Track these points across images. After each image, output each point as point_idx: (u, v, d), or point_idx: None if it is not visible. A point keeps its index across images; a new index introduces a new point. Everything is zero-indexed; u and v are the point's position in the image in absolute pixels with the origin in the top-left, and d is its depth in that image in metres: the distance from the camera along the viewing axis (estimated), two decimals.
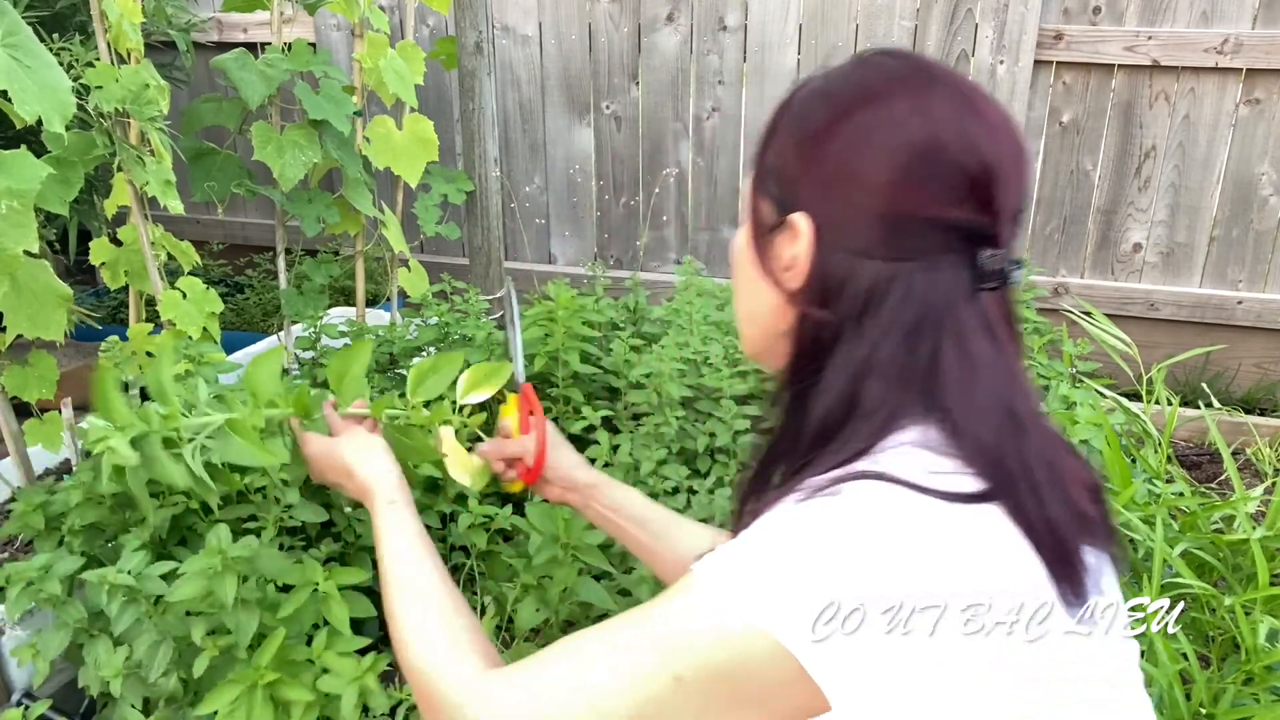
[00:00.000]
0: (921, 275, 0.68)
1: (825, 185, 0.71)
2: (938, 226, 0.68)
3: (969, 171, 0.67)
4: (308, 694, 1.25)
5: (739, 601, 0.63)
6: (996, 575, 0.63)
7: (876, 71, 0.72)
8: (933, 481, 0.64)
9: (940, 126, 0.68)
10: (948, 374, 0.68)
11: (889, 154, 0.68)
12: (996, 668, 0.62)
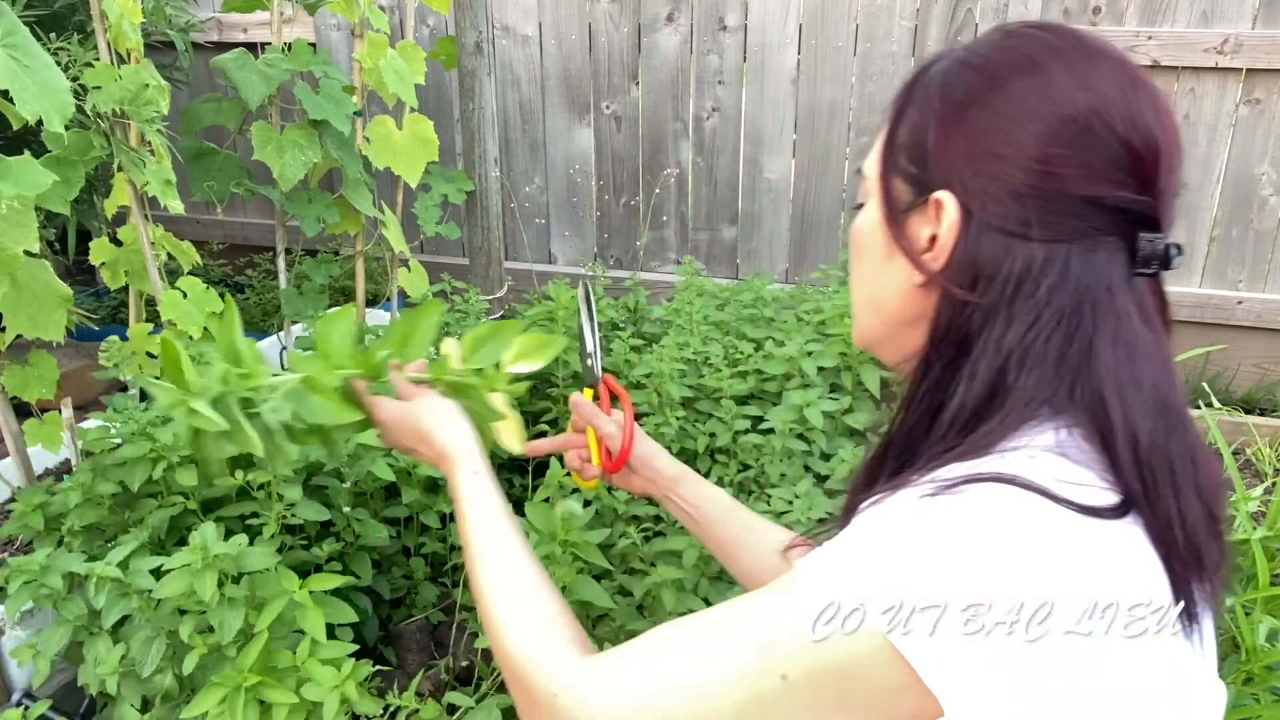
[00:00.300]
0: (1078, 258, 0.65)
1: (974, 160, 0.66)
2: (1098, 206, 0.64)
3: (1133, 148, 0.64)
4: (292, 697, 1.25)
5: (850, 601, 0.60)
6: (1119, 590, 0.59)
7: (1032, 42, 0.68)
8: (1066, 491, 0.60)
9: (1104, 99, 0.64)
10: (1103, 363, 0.64)
11: (1048, 126, 0.64)
12: (1113, 680, 0.58)
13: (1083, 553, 0.59)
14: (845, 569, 0.62)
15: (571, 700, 0.69)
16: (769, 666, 0.62)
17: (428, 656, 1.70)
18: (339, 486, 1.67)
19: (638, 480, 1.13)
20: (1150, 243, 0.65)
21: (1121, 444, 0.63)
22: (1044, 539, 0.58)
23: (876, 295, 0.75)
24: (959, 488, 0.61)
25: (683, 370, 1.87)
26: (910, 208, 0.70)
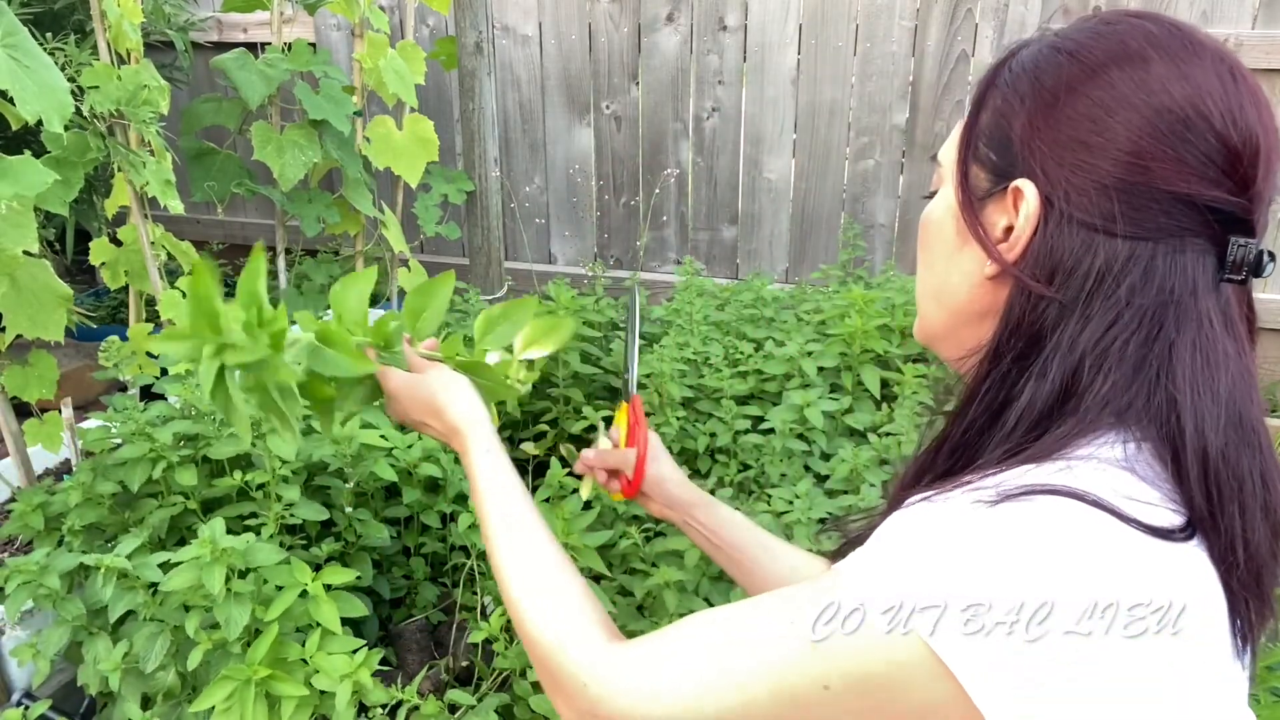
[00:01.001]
0: (1164, 258, 0.62)
1: (1061, 148, 0.63)
2: (1189, 204, 0.61)
3: (1231, 145, 0.61)
4: (302, 689, 1.25)
5: (896, 607, 0.57)
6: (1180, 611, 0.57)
7: (1129, 30, 0.65)
8: (1133, 510, 0.58)
9: (1203, 93, 0.61)
10: (1180, 370, 0.62)
11: (1143, 118, 0.61)
12: (1159, 697, 0.57)
13: (1147, 572, 0.57)
14: (896, 572, 0.59)
15: (603, 689, 0.68)
16: (809, 670, 0.60)
17: (428, 656, 1.70)
18: (340, 486, 1.67)
19: (654, 505, 1.13)
20: (1242, 247, 0.62)
21: (1191, 456, 0.61)
22: (1109, 557, 0.56)
23: (944, 286, 0.73)
24: (1025, 497, 0.58)
25: (683, 370, 1.87)
26: (988, 195, 0.68)
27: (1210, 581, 0.60)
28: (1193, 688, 0.58)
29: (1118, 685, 0.55)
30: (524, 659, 1.37)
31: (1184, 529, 0.59)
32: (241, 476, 1.55)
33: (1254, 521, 0.61)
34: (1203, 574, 0.59)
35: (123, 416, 1.61)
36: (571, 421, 1.89)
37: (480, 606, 1.61)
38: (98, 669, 1.39)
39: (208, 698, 1.23)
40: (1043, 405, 0.64)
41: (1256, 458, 0.62)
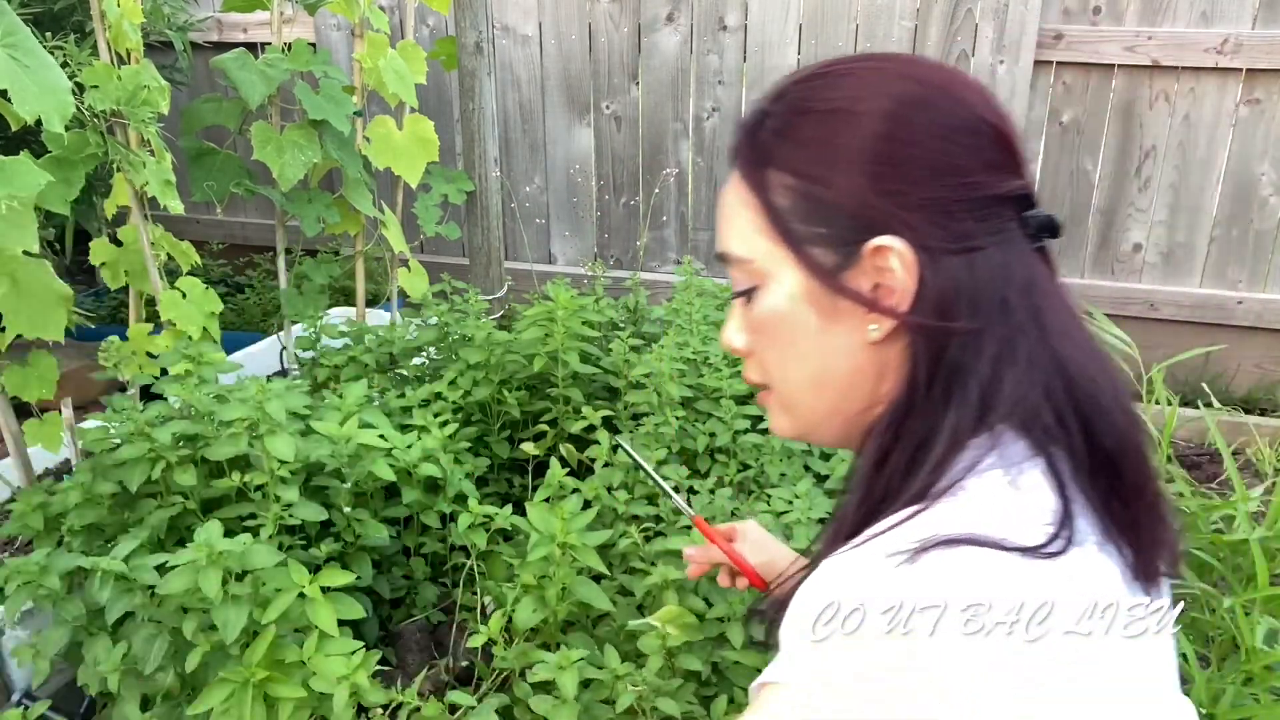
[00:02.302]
0: (1009, 252, 0.68)
1: (898, 194, 0.66)
2: (1002, 200, 0.68)
3: (1006, 140, 0.69)
4: (300, 691, 1.25)
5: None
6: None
7: (881, 69, 0.70)
8: (1014, 531, 0.60)
9: (972, 104, 0.69)
10: (1061, 352, 0.67)
11: (950, 141, 0.67)
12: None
13: (1026, 588, 0.59)
14: (806, 686, 0.60)
15: None
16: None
17: (428, 656, 1.70)
18: (339, 486, 1.67)
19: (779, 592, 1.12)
20: (1035, 218, 0.69)
21: (1093, 414, 0.67)
22: (1001, 603, 0.58)
23: (824, 371, 0.72)
24: (912, 558, 0.59)
25: (682, 370, 1.87)
26: (841, 267, 0.68)
27: (1103, 581, 0.63)
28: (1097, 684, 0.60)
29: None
30: (524, 659, 1.37)
31: (1063, 537, 0.61)
32: (240, 477, 1.55)
33: (1138, 472, 0.68)
34: (1095, 581, 0.62)
35: (122, 417, 1.61)
36: (571, 421, 1.89)
37: (480, 607, 1.61)
38: (97, 670, 1.39)
39: (206, 700, 1.23)
40: (967, 427, 0.66)
41: (1117, 389, 0.69)
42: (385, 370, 2.16)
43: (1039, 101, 2.78)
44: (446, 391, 1.92)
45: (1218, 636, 1.54)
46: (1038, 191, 0.71)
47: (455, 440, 1.81)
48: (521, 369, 2.00)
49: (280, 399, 1.55)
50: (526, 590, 1.41)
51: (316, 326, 2.21)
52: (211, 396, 1.65)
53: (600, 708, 1.30)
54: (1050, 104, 2.78)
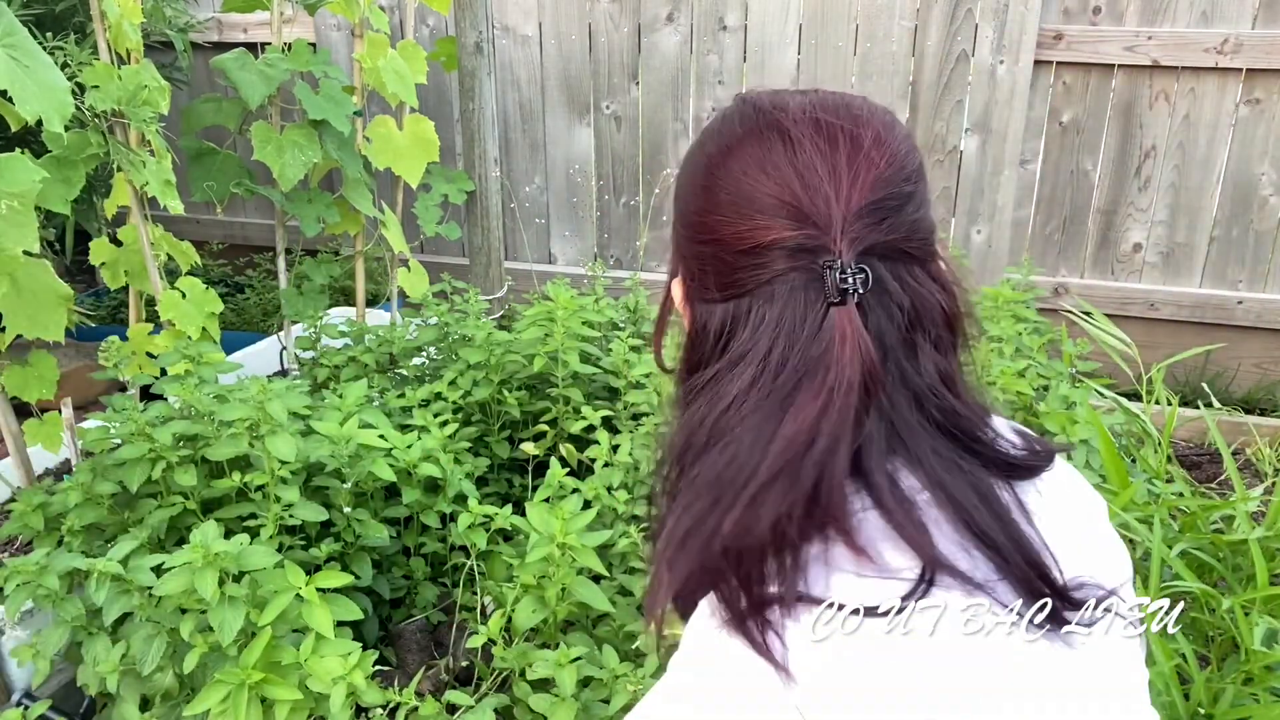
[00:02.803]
0: (761, 305, 0.67)
1: (678, 245, 0.76)
2: (762, 250, 0.67)
3: (783, 195, 0.67)
4: (295, 693, 1.25)
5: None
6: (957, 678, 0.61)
7: (703, 134, 0.75)
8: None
9: (751, 161, 0.69)
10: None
11: (703, 200, 0.71)
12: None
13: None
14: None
15: None
16: None
17: (428, 656, 1.70)
18: (339, 487, 1.67)
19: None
20: (830, 270, 0.65)
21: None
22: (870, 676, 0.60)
23: None
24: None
25: None
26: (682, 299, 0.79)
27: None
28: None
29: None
30: (523, 659, 1.37)
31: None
32: (240, 477, 1.55)
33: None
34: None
35: (122, 417, 1.61)
36: (571, 421, 1.89)
37: (480, 607, 1.61)
38: (96, 670, 1.39)
39: (203, 700, 1.23)
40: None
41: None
42: (385, 370, 2.17)
43: (1039, 101, 2.78)
44: (446, 391, 1.92)
45: (1217, 636, 1.53)
46: (1037, 192, 0.70)
47: (455, 440, 1.81)
48: (521, 369, 2.01)
49: (281, 399, 1.55)
50: (526, 590, 1.41)
51: (316, 326, 2.21)
52: (212, 396, 1.65)
53: (599, 706, 1.30)
54: (1050, 104, 2.78)
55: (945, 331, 0.69)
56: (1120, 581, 0.71)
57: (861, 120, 0.69)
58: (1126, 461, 1.77)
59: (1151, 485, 1.74)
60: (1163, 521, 1.56)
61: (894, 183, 0.67)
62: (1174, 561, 1.49)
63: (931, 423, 0.67)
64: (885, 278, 0.66)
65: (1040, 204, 2.86)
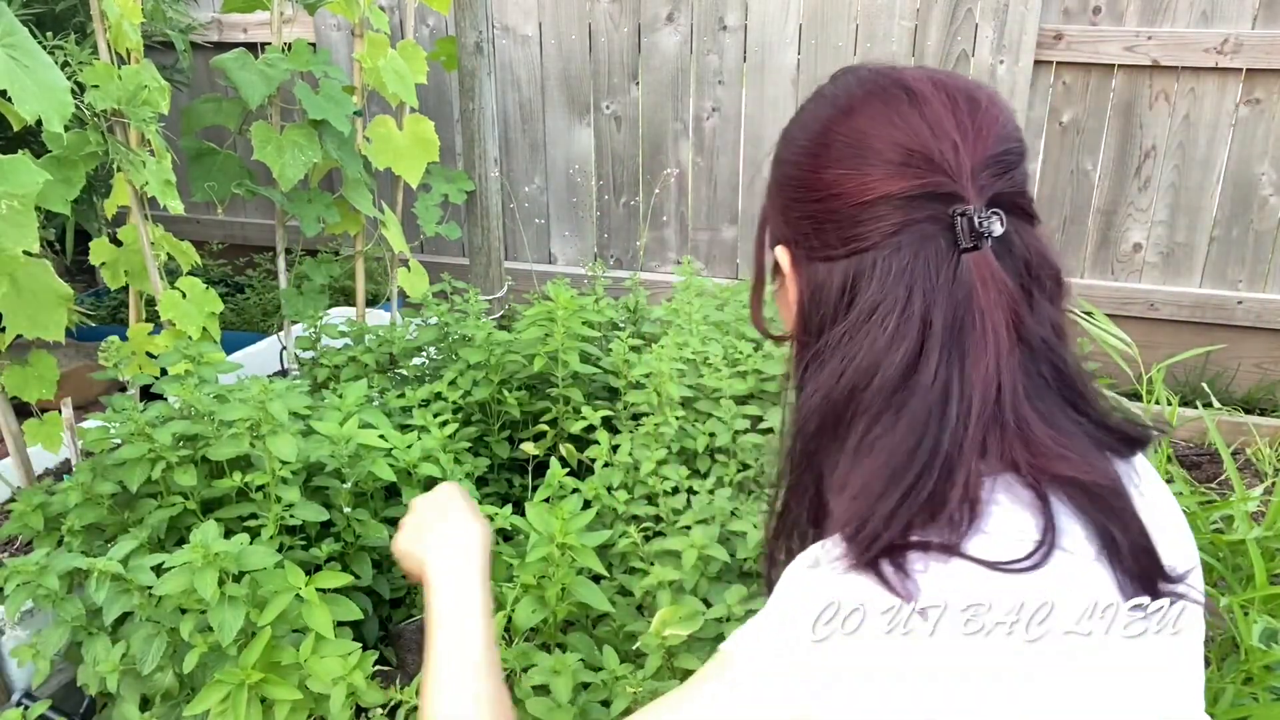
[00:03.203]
0: (886, 259, 0.68)
1: (783, 210, 0.76)
2: (887, 202, 0.68)
3: (907, 142, 0.68)
4: (295, 693, 1.25)
5: (778, 681, 0.63)
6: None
7: (815, 96, 0.76)
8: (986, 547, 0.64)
9: (866, 115, 0.70)
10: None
11: (823, 154, 0.71)
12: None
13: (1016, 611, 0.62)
14: (772, 647, 0.65)
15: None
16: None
17: None
18: (339, 487, 1.67)
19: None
20: (961, 216, 0.67)
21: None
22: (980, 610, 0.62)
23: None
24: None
25: (682, 370, 1.87)
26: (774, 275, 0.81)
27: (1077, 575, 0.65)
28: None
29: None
30: (522, 660, 1.37)
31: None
32: (241, 477, 1.55)
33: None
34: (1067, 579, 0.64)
35: (122, 417, 1.61)
36: (571, 421, 1.89)
37: None
38: (96, 670, 1.39)
39: (203, 701, 1.23)
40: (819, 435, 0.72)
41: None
42: (385, 370, 2.17)
43: (1039, 101, 2.78)
44: (446, 391, 1.92)
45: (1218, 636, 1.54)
46: (1037, 192, 0.70)
47: (455, 440, 1.81)
48: (521, 369, 2.01)
49: (282, 399, 1.55)
50: (526, 590, 1.41)
51: (316, 326, 2.21)
52: (212, 396, 1.65)
53: (598, 709, 1.30)
54: (1050, 104, 2.78)
55: (1055, 287, 0.72)
56: (1190, 567, 0.72)
57: (974, 84, 0.72)
58: None
59: None
60: None
61: (1012, 139, 0.70)
62: None
63: (1049, 380, 0.69)
64: (1008, 227, 0.68)
65: (1040, 204, 2.84)
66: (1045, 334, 0.69)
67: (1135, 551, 0.66)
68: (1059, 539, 0.64)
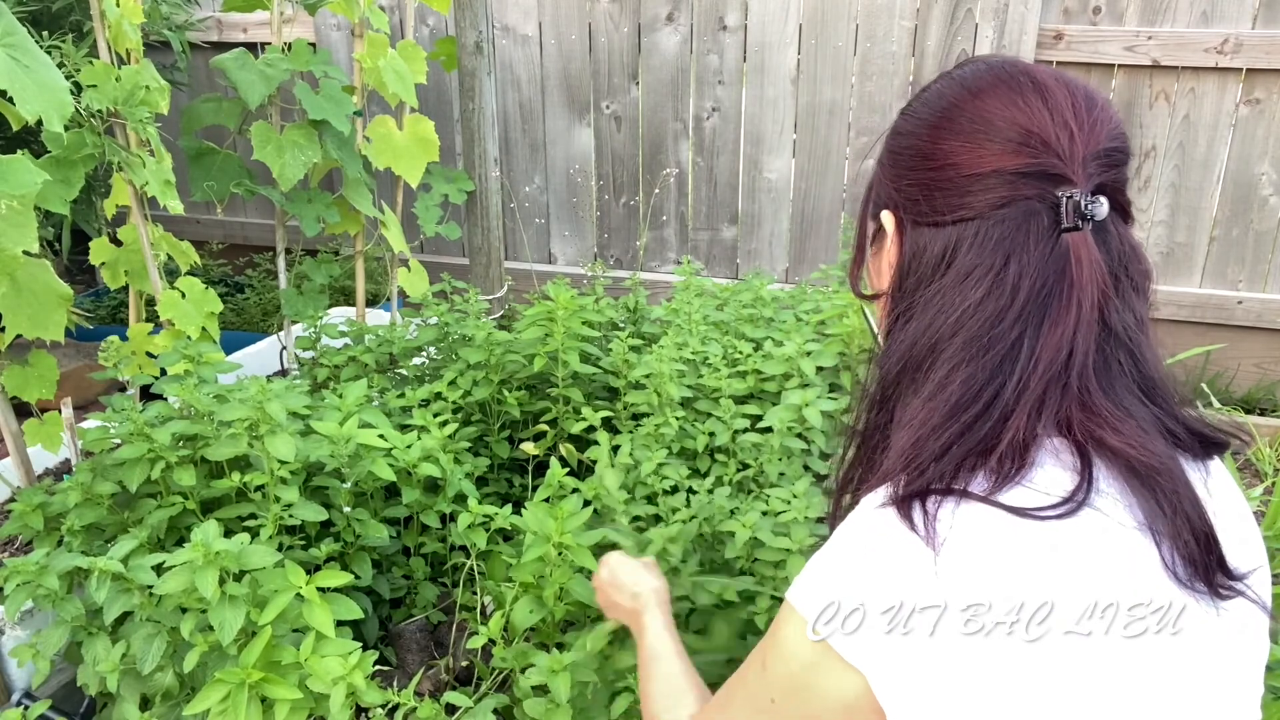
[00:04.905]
0: (994, 227, 0.73)
1: (896, 178, 0.80)
2: (998, 176, 0.72)
3: (1015, 122, 0.73)
4: (295, 693, 1.25)
5: (811, 619, 0.70)
6: (1098, 588, 0.65)
7: (942, 78, 0.81)
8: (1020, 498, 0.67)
9: (991, 96, 0.75)
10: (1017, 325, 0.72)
11: (941, 128, 0.76)
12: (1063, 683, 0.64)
13: (1044, 562, 0.66)
14: (814, 587, 0.72)
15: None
16: (765, 689, 0.76)
17: (428, 656, 1.70)
18: (339, 486, 1.67)
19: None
20: (1069, 199, 0.71)
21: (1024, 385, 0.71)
22: (1005, 553, 0.66)
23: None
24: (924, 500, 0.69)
25: (682, 370, 1.87)
26: (873, 238, 0.86)
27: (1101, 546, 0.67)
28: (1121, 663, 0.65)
29: (1028, 674, 0.64)
30: (522, 659, 1.37)
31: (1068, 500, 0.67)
32: (240, 477, 1.55)
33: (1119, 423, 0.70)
34: (1094, 544, 0.67)
35: (121, 417, 1.61)
36: (571, 421, 1.89)
37: (480, 606, 1.61)
38: (96, 669, 1.39)
39: (203, 700, 1.23)
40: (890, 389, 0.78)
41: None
42: (385, 370, 2.17)
43: None
44: (446, 391, 1.92)
45: None
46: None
47: (455, 440, 1.81)
48: (521, 369, 2.01)
49: (280, 399, 1.55)
50: (524, 590, 1.41)
51: (316, 326, 2.21)
52: (211, 396, 1.65)
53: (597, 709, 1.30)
54: None
55: (1144, 282, 0.75)
56: (1255, 566, 0.74)
57: (1091, 87, 0.77)
58: None
59: None
60: None
61: (1122, 138, 0.75)
62: None
63: (1122, 364, 0.73)
64: (1108, 219, 0.73)
65: None
66: (1128, 323, 0.73)
67: (1191, 533, 0.68)
68: (1092, 498, 0.67)
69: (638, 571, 1.20)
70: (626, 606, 1.17)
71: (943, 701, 0.64)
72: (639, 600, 1.14)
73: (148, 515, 1.57)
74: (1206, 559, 0.68)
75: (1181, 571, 0.68)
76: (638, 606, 1.14)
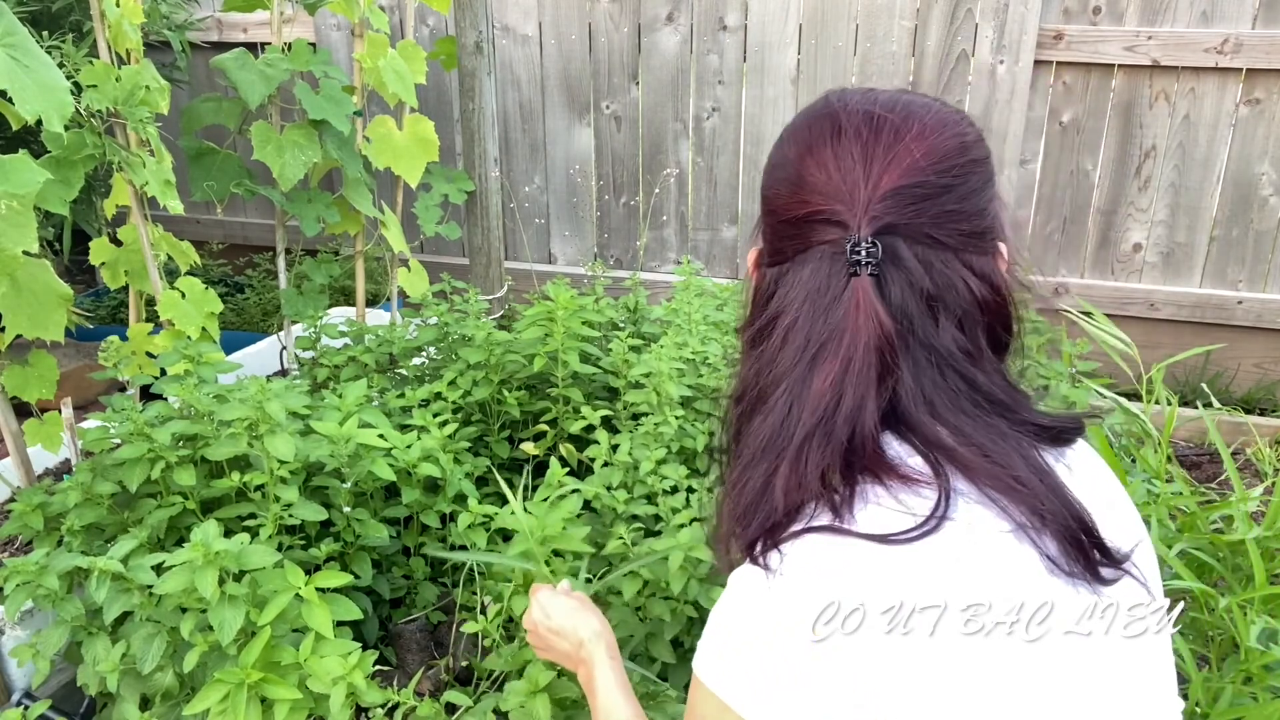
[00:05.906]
0: (795, 270, 0.75)
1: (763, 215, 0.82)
2: (801, 222, 0.75)
3: (803, 175, 0.75)
4: (295, 693, 1.25)
5: (712, 689, 0.72)
6: (973, 590, 0.67)
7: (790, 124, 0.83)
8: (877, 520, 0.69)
9: (800, 145, 0.77)
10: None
11: (768, 177, 0.80)
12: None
13: (902, 581, 0.67)
14: (708, 658, 0.73)
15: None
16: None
17: (428, 656, 1.70)
18: (339, 486, 1.67)
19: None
20: (847, 242, 0.73)
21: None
22: (869, 578, 0.68)
23: None
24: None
25: (681, 370, 1.87)
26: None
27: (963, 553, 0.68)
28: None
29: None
30: (519, 659, 1.37)
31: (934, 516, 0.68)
32: (240, 477, 1.55)
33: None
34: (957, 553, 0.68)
35: (121, 417, 1.61)
36: (571, 421, 1.89)
37: (480, 606, 1.61)
38: (96, 669, 1.39)
39: (203, 700, 1.23)
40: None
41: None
42: (385, 370, 2.17)
43: (1039, 101, 2.78)
44: (446, 391, 1.92)
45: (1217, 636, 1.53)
46: (1037, 192, 0.73)
47: (455, 440, 1.81)
48: (521, 369, 2.01)
49: (280, 399, 1.55)
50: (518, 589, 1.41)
51: (316, 326, 2.21)
52: (211, 396, 1.65)
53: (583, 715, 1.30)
54: (1050, 104, 2.78)
55: (977, 314, 0.74)
56: (1135, 543, 0.75)
57: (914, 116, 0.75)
58: (1126, 461, 1.77)
59: (1151, 485, 1.74)
60: (1162, 521, 1.56)
61: (927, 172, 0.73)
62: (1173, 561, 1.49)
63: (959, 390, 0.73)
64: (905, 256, 0.72)
65: (1040, 204, 2.86)
66: (948, 352, 0.73)
67: (1062, 525, 0.69)
68: (950, 511, 0.69)
69: (576, 614, 1.11)
70: (570, 654, 1.10)
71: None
72: (584, 650, 1.07)
73: (148, 515, 1.57)
74: (1087, 548, 0.70)
75: (1064, 563, 0.69)
76: (584, 657, 1.07)
